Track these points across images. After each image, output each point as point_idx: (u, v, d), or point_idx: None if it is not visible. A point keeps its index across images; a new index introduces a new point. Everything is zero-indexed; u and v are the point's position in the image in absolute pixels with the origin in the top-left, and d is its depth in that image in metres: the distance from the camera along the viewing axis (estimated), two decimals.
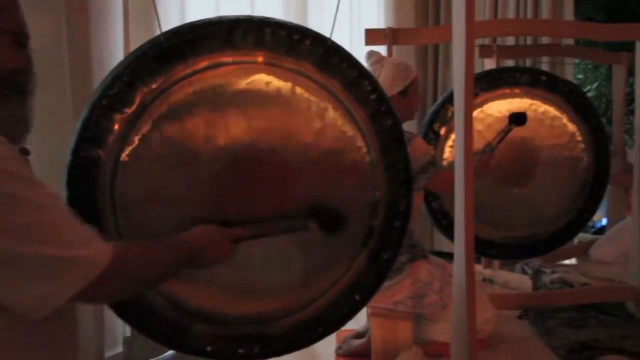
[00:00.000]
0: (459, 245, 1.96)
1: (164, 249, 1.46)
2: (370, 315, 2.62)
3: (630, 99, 5.27)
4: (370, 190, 1.85)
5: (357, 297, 1.90)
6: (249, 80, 1.77)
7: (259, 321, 1.84)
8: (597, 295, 3.18)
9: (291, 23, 1.80)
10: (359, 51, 3.45)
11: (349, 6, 3.77)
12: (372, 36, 3.02)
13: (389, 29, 3.07)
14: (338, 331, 2.82)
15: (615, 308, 3.14)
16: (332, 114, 1.82)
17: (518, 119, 2.96)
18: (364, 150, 1.84)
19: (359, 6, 3.86)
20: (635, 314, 3.10)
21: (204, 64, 1.74)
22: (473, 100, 1.95)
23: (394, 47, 3.91)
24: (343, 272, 1.87)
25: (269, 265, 1.82)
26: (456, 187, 1.96)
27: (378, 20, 4.00)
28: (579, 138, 3.24)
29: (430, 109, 3.33)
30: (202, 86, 1.74)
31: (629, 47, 3.03)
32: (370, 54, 2.79)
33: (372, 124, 1.85)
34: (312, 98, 1.81)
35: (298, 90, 1.79)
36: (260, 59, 1.78)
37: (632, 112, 5.24)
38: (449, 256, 3.88)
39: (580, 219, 3.32)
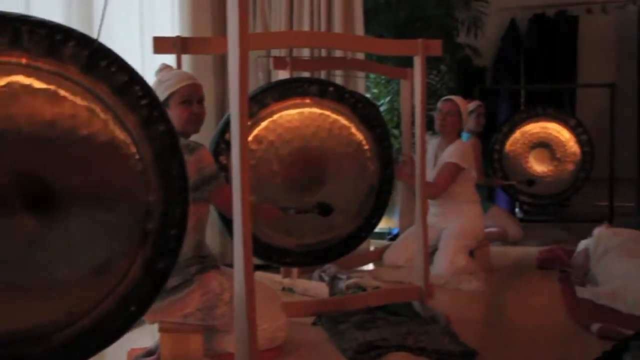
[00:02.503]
0: (237, 255, 1.95)
1: None
2: (159, 331, 2.53)
3: None
4: (142, 198, 1.79)
5: (132, 309, 1.83)
6: (4, 82, 1.65)
7: (23, 340, 1.70)
8: (387, 297, 3.33)
9: (52, 22, 1.70)
10: (151, 60, 3.37)
11: (140, 12, 3.66)
12: (160, 45, 2.95)
13: (178, 37, 3.01)
14: (129, 349, 2.73)
15: (403, 308, 3.30)
16: (99, 119, 1.74)
17: (323, 210, 3.15)
18: (136, 157, 1.78)
19: (152, 13, 3.76)
20: (420, 312, 3.28)
21: None
22: (248, 110, 1.96)
23: (191, 57, 3.91)
24: (115, 284, 1.79)
25: (30, 279, 1.69)
26: (234, 196, 1.94)
27: (172, 28, 3.91)
28: (366, 147, 3.38)
29: (222, 119, 3.32)
30: None
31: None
32: (160, 67, 2.73)
33: (143, 129, 1.80)
34: (78, 102, 1.72)
35: (62, 94, 1.70)
36: (17, 59, 1.66)
37: None
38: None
39: (369, 224, 3.47)
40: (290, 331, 2.86)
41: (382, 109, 5.55)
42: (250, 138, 3.18)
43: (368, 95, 5.53)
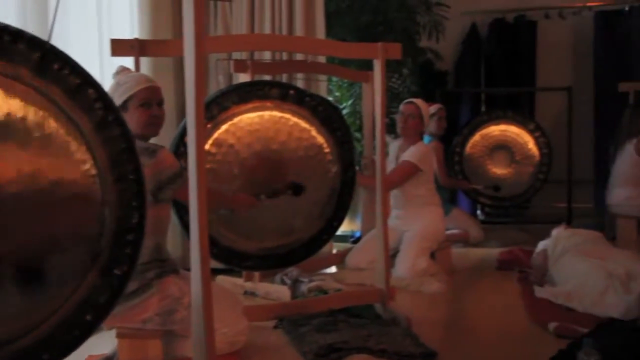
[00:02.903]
0: (194, 259, 1.93)
1: None
2: (116, 337, 2.50)
3: None
4: (96, 203, 1.77)
5: (88, 317, 1.80)
6: None
7: None
8: (348, 300, 3.34)
9: (2, 23, 1.66)
10: (110, 63, 3.34)
11: (98, 14, 3.61)
12: (118, 47, 2.92)
13: (136, 39, 2.98)
14: (86, 356, 2.69)
15: (365, 310, 3.32)
16: (52, 123, 1.71)
17: (295, 189, 3.18)
18: (90, 162, 1.76)
19: (109, 15, 3.71)
20: (382, 314, 3.29)
21: None
22: (205, 114, 1.95)
23: (151, 59, 3.88)
24: (71, 292, 1.76)
25: None
26: (190, 199, 1.93)
27: (132, 30, 3.88)
28: (327, 150, 3.38)
29: (182, 122, 3.30)
30: None
31: None
32: (117, 69, 2.70)
33: (98, 134, 1.77)
34: (30, 106, 1.69)
35: (12, 97, 1.66)
36: None
37: None
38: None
39: (330, 227, 3.47)
40: (251, 335, 2.85)
41: (344, 112, 5.57)
42: (209, 141, 3.17)
43: (330, 99, 5.54)
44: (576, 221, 5.72)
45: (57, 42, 1.74)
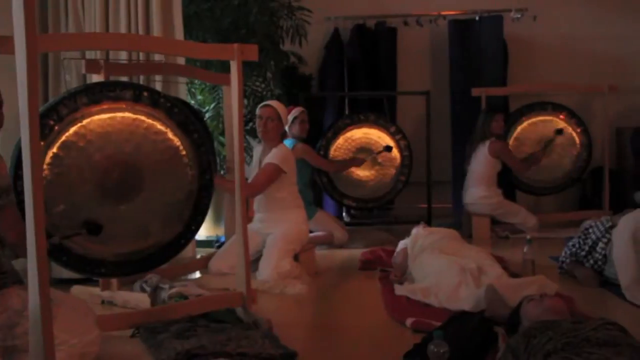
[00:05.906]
0: (31, 268, 1.81)
1: None
2: None
3: (247, 120, 5.65)
4: None
5: None
6: None
7: None
8: (208, 305, 3.28)
9: None
10: None
11: None
12: None
13: None
14: None
15: (226, 315, 3.26)
16: None
17: (91, 229, 2.91)
18: None
19: None
20: (243, 318, 3.26)
21: None
22: (38, 118, 1.84)
23: None
24: None
25: None
26: (25, 193, 1.81)
27: None
28: (183, 152, 3.29)
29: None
30: None
31: None
32: None
33: None
34: None
35: None
36: None
37: (248, 132, 5.62)
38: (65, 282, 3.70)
39: (189, 231, 3.38)
40: (105, 345, 2.74)
41: (207, 115, 5.49)
42: (57, 144, 3.02)
43: (193, 102, 5.45)
44: (436, 221, 5.94)
45: None
